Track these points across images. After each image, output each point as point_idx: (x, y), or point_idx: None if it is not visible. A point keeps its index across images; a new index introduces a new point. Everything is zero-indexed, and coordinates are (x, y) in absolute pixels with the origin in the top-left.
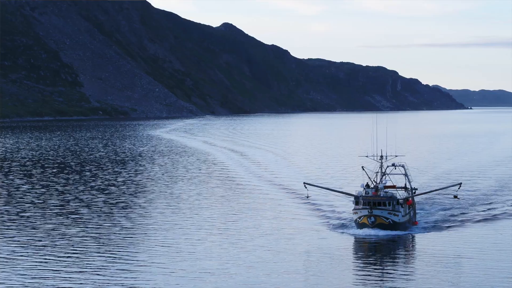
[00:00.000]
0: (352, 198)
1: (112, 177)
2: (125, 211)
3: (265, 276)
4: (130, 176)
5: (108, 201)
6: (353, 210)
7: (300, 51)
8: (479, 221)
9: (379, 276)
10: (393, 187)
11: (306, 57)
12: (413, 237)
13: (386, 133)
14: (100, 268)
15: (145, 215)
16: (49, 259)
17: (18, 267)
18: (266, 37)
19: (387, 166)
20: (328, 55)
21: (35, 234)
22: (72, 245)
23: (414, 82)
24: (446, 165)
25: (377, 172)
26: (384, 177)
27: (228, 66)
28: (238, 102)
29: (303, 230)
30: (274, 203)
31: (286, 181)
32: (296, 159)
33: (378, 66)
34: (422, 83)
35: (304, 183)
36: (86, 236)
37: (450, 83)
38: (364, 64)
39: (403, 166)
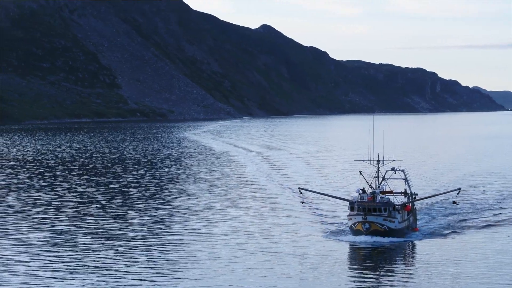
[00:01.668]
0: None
1: (134, 179)
2: (138, 213)
3: (260, 278)
4: (154, 178)
5: (124, 203)
6: (348, 216)
7: (338, 52)
8: (481, 227)
9: (375, 283)
10: (391, 192)
11: (344, 59)
12: (411, 243)
13: (386, 136)
14: (107, 269)
15: (156, 217)
16: (56, 260)
17: (25, 268)
18: (304, 39)
19: (386, 171)
20: (367, 56)
21: (46, 235)
22: (81, 247)
23: (454, 83)
24: (468, 168)
25: (376, 177)
26: (383, 182)
27: (266, 67)
28: (276, 104)
29: (300, 235)
30: (278, 206)
31: (296, 185)
32: (316, 163)
33: (417, 68)
34: (462, 84)
35: (299, 188)
36: (96, 238)
37: (490, 85)
38: (403, 66)
39: (403, 171)
